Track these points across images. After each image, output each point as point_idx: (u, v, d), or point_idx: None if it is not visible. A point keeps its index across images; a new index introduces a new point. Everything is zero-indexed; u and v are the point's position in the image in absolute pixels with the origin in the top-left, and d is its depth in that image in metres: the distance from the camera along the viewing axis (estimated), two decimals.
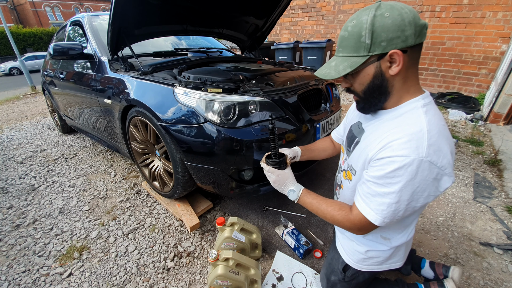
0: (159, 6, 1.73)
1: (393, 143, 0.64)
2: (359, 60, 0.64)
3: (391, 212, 0.66)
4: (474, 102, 3.71)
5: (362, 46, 0.63)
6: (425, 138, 0.61)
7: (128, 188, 2.14)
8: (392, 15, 0.58)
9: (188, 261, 1.43)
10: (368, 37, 0.61)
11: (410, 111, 0.67)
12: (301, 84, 1.66)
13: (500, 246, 1.42)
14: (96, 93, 1.97)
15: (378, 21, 0.59)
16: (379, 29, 0.59)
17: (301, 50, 5.35)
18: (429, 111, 0.66)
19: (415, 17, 0.59)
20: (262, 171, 1.44)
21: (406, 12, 0.58)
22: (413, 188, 0.63)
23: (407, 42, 0.60)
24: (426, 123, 0.63)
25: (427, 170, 0.61)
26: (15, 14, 27.25)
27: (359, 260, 0.93)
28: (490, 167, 2.21)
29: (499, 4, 3.57)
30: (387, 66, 0.64)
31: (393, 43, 0.60)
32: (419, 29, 0.60)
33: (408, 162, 0.60)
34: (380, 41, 0.60)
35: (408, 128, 0.63)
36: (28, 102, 6.15)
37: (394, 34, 0.59)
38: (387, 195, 0.65)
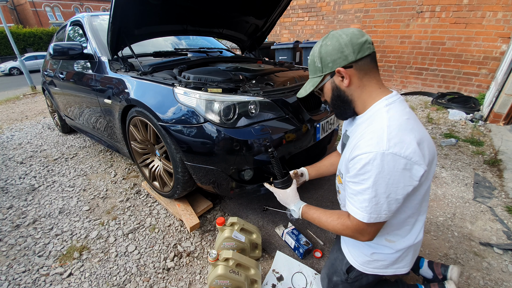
0: (159, 6, 1.73)
1: (360, 143, 0.72)
2: (318, 79, 0.83)
3: (374, 207, 0.71)
4: (474, 102, 3.71)
5: (317, 69, 0.82)
6: (385, 133, 0.68)
7: (128, 188, 2.14)
8: (332, 42, 0.76)
9: (188, 261, 1.43)
10: (319, 62, 0.80)
11: (375, 113, 0.76)
12: (301, 84, 1.66)
13: (500, 246, 1.42)
14: (96, 93, 1.97)
15: (323, 49, 0.78)
16: (325, 55, 0.78)
17: (301, 50, 5.35)
18: (392, 108, 0.74)
19: (352, 39, 0.73)
20: (262, 171, 1.45)
21: (342, 38, 0.74)
22: (385, 180, 0.68)
23: (347, 59, 0.75)
24: (387, 119, 0.70)
25: (392, 161, 0.66)
26: (15, 14, 27.25)
27: (364, 262, 0.93)
28: (490, 167, 2.21)
29: (499, 4, 3.57)
30: (340, 80, 0.79)
31: (336, 63, 0.76)
32: (358, 46, 0.73)
33: (372, 157, 0.68)
34: (327, 63, 0.78)
35: (372, 127, 0.72)
36: (28, 102, 6.15)
37: (335, 56, 0.76)
38: (365, 191, 0.71)
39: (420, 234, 0.87)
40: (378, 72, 0.79)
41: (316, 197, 1.83)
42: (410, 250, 0.88)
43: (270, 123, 1.37)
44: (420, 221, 0.85)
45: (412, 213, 0.82)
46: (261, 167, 1.42)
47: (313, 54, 0.82)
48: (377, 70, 0.78)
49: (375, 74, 0.78)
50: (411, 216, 0.82)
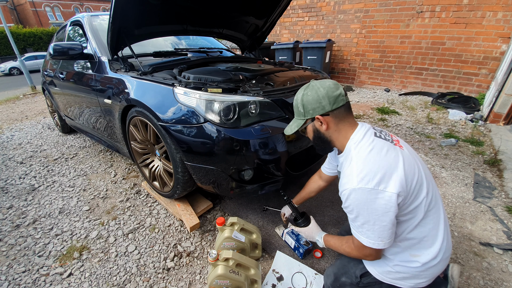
0: (159, 6, 1.73)
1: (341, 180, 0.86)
2: (301, 122, 0.96)
3: (368, 232, 0.81)
4: (474, 102, 3.71)
5: (301, 113, 0.95)
6: (354, 170, 0.79)
7: (128, 188, 2.14)
8: (311, 93, 0.89)
9: (188, 261, 1.43)
10: (301, 108, 0.93)
11: (348, 152, 0.88)
12: (301, 84, 1.66)
13: (500, 246, 1.42)
14: (96, 93, 1.97)
15: (305, 98, 0.91)
16: (306, 103, 0.91)
17: (301, 50, 5.35)
18: (358, 145, 0.84)
19: (328, 92, 0.87)
20: (262, 171, 1.45)
21: (320, 90, 0.88)
22: (365, 211, 0.78)
23: (324, 109, 0.88)
24: (355, 157, 0.82)
25: (363, 194, 0.76)
26: (15, 14, 27.25)
27: (384, 271, 0.92)
28: (490, 167, 2.21)
29: (499, 4, 3.58)
30: (319, 125, 0.93)
31: (316, 111, 0.90)
32: (333, 99, 0.87)
33: (347, 193, 0.80)
34: (308, 110, 0.91)
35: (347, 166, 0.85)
36: (28, 102, 6.15)
37: (314, 105, 0.89)
38: (355, 220, 0.82)
39: (443, 247, 0.85)
40: (351, 116, 0.92)
41: (316, 197, 1.83)
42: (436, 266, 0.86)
43: (270, 123, 1.37)
44: (440, 232, 0.84)
45: (428, 228, 0.83)
46: (261, 167, 1.42)
47: (297, 100, 0.95)
48: (350, 115, 0.92)
49: (349, 119, 0.91)
50: (428, 230, 0.83)
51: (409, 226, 0.82)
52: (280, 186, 1.50)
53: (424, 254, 0.85)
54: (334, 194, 1.86)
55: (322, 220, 1.64)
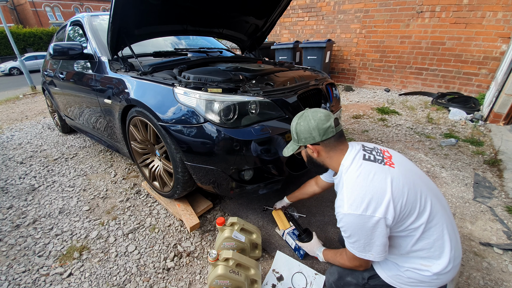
0: (159, 6, 1.73)
1: (336, 202, 0.90)
2: (295, 147, 1.04)
3: (358, 248, 0.86)
4: (474, 102, 3.71)
5: (295, 140, 1.02)
6: (345, 196, 0.83)
7: (128, 188, 2.14)
8: (304, 124, 0.96)
9: (188, 261, 1.43)
10: (295, 136, 1.01)
11: (340, 177, 0.93)
12: (301, 84, 1.66)
13: (500, 246, 1.42)
14: (96, 93, 1.97)
15: (298, 127, 0.98)
16: (299, 132, 0.98)
17: (301, 50, 5.35)
18: (347, 172, 0.89)
19: (318, 124, 0.93)
20: (262, 171, 1.45)
21: (311, 122, 0.94)
22: (357, 232, 0.82)
23: (315, 139, 0.95)
24: (345, 184, 0.86)
25: (353, 219, 0.81)
26: (15, 14, 27.24)
27: (394, 275, 0.92)
28: (490, 167, 2.21)
29: (499, 4, 3.58)
30: (311, 152, 0.99)
31: (307, 140, 0.96)
32: (323, 131, 0.92)
33: (340, 217, 0.85)
34: (301, 138, 0.98)
35: (339, 190, 0.89)
36: (28, 102, 6.15)
37: (306, 135, 0.96)
38: (348, 238, 0.87)
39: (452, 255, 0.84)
40: (343, 143, 0.96)
41: (316, 197, 1.83)
42: (446, 275, 0.85)
43: (270, 123, 1.37)
44: (446, 242, 0.83)
45: (433, 239, 0.82)
46: (261, 167, 1.42)
47: (292, 127, 1.02)
48: (341, 142, 0.95)
49: (340, 146, 0.95)
50: (433, 241, 0.83)
51: (411, 240, 0.84)
52: (280, 186, 1.50)
53: (435, 264, 0.84)
54: (334, 195, 1.85)
55: (322, 220, 1.64)
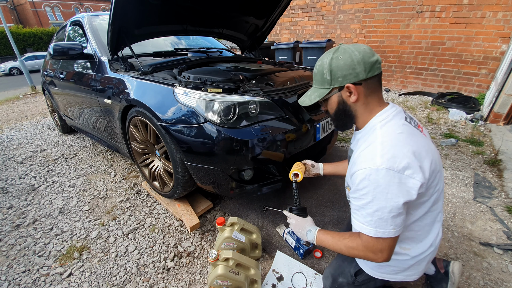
0: (159, 6, 1.73)
1: (357, 159, 0.76)
2: (325, 91, 0.83)
3: (378, 221, 0.71)
4: (474, 102, 3.71)
5: (325, 81, 0.81)
6: (378, 149, 0.71)
7: (128, 188, 2.14)
8: (344, 57, 0.75)
9: (188, 261, 1.43)
10: (328, 74, 0.79)
11: (370, 129, 0.80)
12: (301, 84, 1.66)
13: (500, 246, 1.42)
14: (96, 93, 1.97)
15: (334, 62, 0.77)
16: (335, 69, 0.77)
17: (301, 50, 5.35)
18: (386, 124, 0.77)
19: (364, 57, 0.74)
20: (262, 171, 1.45)
21: (355, 54, 0.74)
22: (383, 195, 0.69)
23: (358, 77, 0.75)
24: (381, 135, 0.74)
25: (387, 176, 0.68)
26: (15, 14, 27.24)
27: (374, 266, 0.92)
28: (490, 167, 2.21)
29: (499, 4, 3.57)
30: (347, 96, 0.80)
31: (347, 78, 0.76)
32: (369, 65, 0.74)
33: (368, 173, 0.70)
34: (337, 77, 0.78)
35: (367, 143, 0.76)
36: (28, 102, 6.15)
37: (346, 71, 0.76)
38: (366, 206, 0.73)
39: (435, 242, 0.85)
40: (381, 90, 0.82)
41: (316, 197, 1.83)
42: (425, 258, 0.86)
43: (270, 123, 1.37)
44: (435, 228, 0.84)
45: (425, 223, 0.82)
46: (261, 167, 1.42)
47: (322, 65, 0.80)
48: (381, 88, 0.81)
49: (378, 92, 0.80)
50: (424, 225, 0.83)
51: (407, 220, 0.79)
52: (280, 186, 1.50)
53: (414, 247, 0.85)
54: (333, 194, 1.86)
55: (322, 220, 1.64)
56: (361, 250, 0.77)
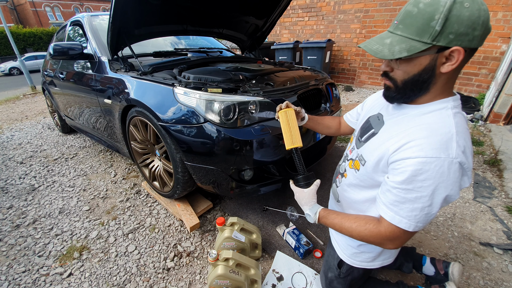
0: (159, 6, 1.73)
1: (419, 142, 0.61)
2: (420, 46, 0.58)
3: (424, 216, 0.63)
4: (474, 102, 3.71)
5: (428, 32, 0.56)
6: (454, 140, 0.60)
7: (128, 188, 2.14)
8: (472, 8, 0.53)
9: (188, 261, 1.43)
10: (440, 24, 0.55)
11: (438, 111, 0.65)
12: (301, 84, 1.66)
13: (500, 246, 1.42)
14: (96, 93, 1.97)
15: (457, 9, 0.53)
16: (454, 18, 0.54)
17: (301, 50, 5.35)
18: (458, 114, 0.65)
19: (488, 19, 0.55)
20: (262, 171, 1.45)
21: (484, 10, 0.54)
22: (447, 190, 0.60)
23: (472, 42, 0.56)
24: (455, 124, 0.62)
25: (458, 171, 0.60)
26: (15, 14, 27.25)
27: (351, 254, 0.94)
28: (490, 167, 2.21)
29: (499, 4, 3.57)
30: (441, 62, 0.60)
31: (460, 39, 0.55)
32: (486, 32, 0.56)
33: (438, 163, 0.59)
34: (449, 32, 0.55)
35: (437, 127, 0.62)
36: (28, 102, 6.15)
37: (465, 29, 0.54)
38: (419, 200, 0.62)
39: None
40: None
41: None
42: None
43: (270, 123, 1.37)
44: None
45: None
46: (261, 167, 1.42)
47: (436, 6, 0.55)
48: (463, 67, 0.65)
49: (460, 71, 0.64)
50: None
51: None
52: (280, 186, 1.50)
53: None
54: None
55: None
56: (380, 238, 0.70)
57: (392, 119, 0.75)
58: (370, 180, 0.78)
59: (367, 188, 0.82)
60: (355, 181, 0.86)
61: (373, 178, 0.77)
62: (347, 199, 0.92)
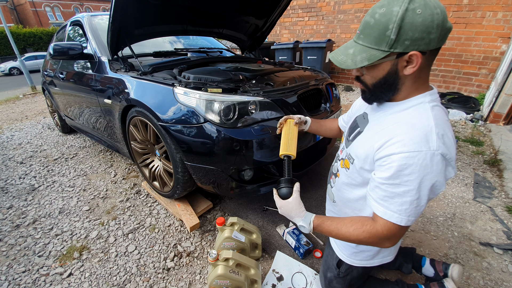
0: (159, 6, 1.73)
1: (401, 137, 0.63)
2: (379, 55, 0.62)
3: (414, 209, 0.64)
4: (474, 102, 3.70)
5: (385, 40, 0.60)
6: (434, 132, 0.61)
7: (128, 188, 2.14)
8: (424, 13, 0.55)
9: (188, 261, 1.43)
10: (394, 33, 0.58)
11: (416, 106, 0.67)
12: (301, 84, 1.66)
13: (500, 246, 1.42)
14: (96, 93, 1.97)
15: (409, 16, 0.56)
16: (407, 26, 0.56)
17: (301, 50, 5.35)
18: (436, 106, 0.67)
19: (444, 20, 0.56)
20: (262, 172, 1.45)
21: (437, 13, 0.56)
22: (431, 182, 0.61)
23: (429, 45, 0.58)
24: (433, 117, 0.63)
25: (440, 163, 0.61)
26: (15, 14, 27.25)
27: (350, 254, 0.94)
28: (490, 167, 2.21)
29: (499, 4, 3.57)
30: (403, 66, 0.63)
31: (416, 43, 0.58)
32: (444, 33, 0.58)
33: (421, 156, 0.60)
34: (405, 39, 0.58)
35: (416, 122, 0.64)
36: (28, 102, 6.15)
37: (419, 35, 0.57)
38: (407, 194, 0.63)
39: None
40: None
41: (316, 197, 1.83)
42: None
43: (270, 123, 1.37)
44: None
45: None
46: (261, 167, 1.42)
47: (388, 16, 0.58)
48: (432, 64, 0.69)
49: (430, 68, 0.68)
50: None
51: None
52: None
53: None
54: None
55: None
56: (377, 238, 0.68)
57: (375, 117, 0.78)
58: (360, 177, 0.79)
59: (359, 186, 0.82)
60: (347, 179, 0.86)
61: (362, 175, 0.78)
62: (342, 198, 0.92)
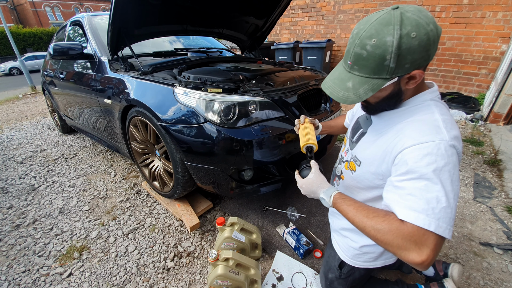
0: (159, 6, 1.73)
1: (410, 134, 0.62)
2: (381, 83, 0.60)
3: (444, 210, 0.54)
4: (474, 102, 3.70)
5: (384, 70, 0.58)
6: (442, 126, 0.60)
7: (128, 188, 2.14)
8: (419, 35, 0.54)
9: (188, 261, 1.43)
10: (393, 61, 0.56)
11: (419, 105, 0.67)
12: (301, 84, 1.66)
13: (500, 246, 1.42)
14: (96, 93, 1.97)
15: (405, 43, 0.54)
16: (405, 52, 0.55)
17: (301, 50, 5.35)
18: (438, 102, 0.67)
19: (438, 32, 0.55)
20: (262, 171, 1.45)
21: (431, 30, 0.54)
22: (450, 175, 0.56)
23: (428, 59, 0.58)
24: (438, 112, 0.63)
25: (455, 154, 0.58)
26: (15, 14, 27.24)
27: (353, 256, 0.94)
28: (490, 167, 2.21)
29: (499, 4, 3.57)
30: (405, 82, 0.63)
31: (416, 63, 0.57)
32: (437, 41, 0.57)
33: (435, 146, 0.57)
34: (405, 63, 0.57)
35: (422, 118, 0.63)
36: (28, 102, 6.15)
37: (419, 55, 0.56)
38: (430, 188, 0.56)
39: None
40: None
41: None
42: None
43: (270, 123, 1.37)
44: None
45: None
46: (261, 167, 1.42)
47: (383, 47, 0.55)
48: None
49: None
50: None
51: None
52: (280, 186, 1.50)
53: None
54: None
55: (322, 220, 1.63)
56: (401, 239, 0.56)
57: (378, 117, 0.77)
58: (366, 180, 0.78)
59: (365, 190, 0.81)
60: (352, 182, 0.86)
61: (369, 178, 0.77)
62: None
